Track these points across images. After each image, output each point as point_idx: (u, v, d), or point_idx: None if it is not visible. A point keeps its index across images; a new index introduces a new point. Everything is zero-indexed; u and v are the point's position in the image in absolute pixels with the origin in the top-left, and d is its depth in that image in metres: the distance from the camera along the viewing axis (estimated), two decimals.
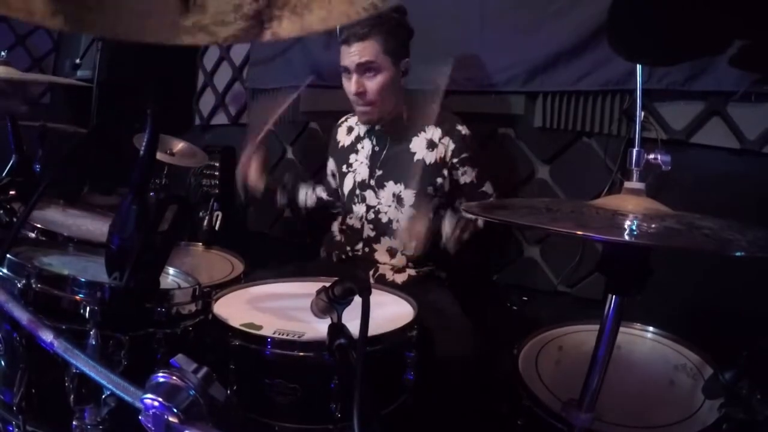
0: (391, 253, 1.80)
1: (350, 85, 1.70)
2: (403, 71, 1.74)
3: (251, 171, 1.81)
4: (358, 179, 1.83)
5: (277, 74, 2.66)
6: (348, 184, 1.86)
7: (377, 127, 1.81)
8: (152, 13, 0.44)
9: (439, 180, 1.76)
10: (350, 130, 1.92)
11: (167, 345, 1.08)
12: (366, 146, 1.85)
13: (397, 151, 1.79)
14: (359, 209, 1.83)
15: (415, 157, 1.76)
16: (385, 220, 1.80)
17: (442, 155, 1.75)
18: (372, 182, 1.81)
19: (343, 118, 1.98)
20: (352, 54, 1.65)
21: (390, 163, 1.80)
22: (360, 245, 1.84)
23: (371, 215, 1.81)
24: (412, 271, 1.79)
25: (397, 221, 1.78)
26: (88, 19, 0.45)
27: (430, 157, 1.75)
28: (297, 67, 2.57)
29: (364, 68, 1.66)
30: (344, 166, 1.88)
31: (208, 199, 2.71)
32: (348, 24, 1.65)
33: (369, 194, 1.82)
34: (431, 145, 1.76)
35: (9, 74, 1.84)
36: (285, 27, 0.42)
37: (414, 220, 1.71)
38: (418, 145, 1.77)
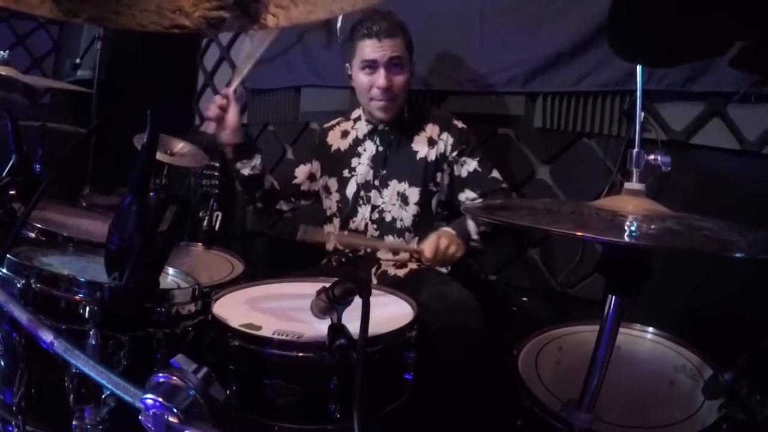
0: (394, 251, 1.80)
1: (377, 80, 1.70)
2: (412, 71, 1.79)
3: (229, 116, 1.71)
4: (361, 181, 1.83)
5: (277, 74, 2.67)
6: (351, 189, 1.85)
7: (380, 127, 1.82)
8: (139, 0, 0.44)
9: (439, 175, 1.80)
10: (345, 134, 1.90)
11: (167, 345, 1.07)
12: (369, 148, 1.85)
13: (401, 150, 1.81)
14: (364, 210, 1.83)
15: (418, 155, 1.79)
16: (389, 219, 1.81)
17: (442, 151, 1.79)
18: (376, 182, 1.82)
19: (333, 122, 1.96)
20: (384, 48, 1.68)
21: (394, 162, 1.81)
22: (363, 246, 1.84)
23: (375, 215, 1.82)
24: (413, 265, 1.80)
25: (401, 219, 1.79)
26: (75, 7, 0.45)
27: (432, 155, 1.79)
28: (297, 68, 2.58)
29: (393, 63, 1.70)
30: (345, 171, 1.86)
31: (208, 199, 2.71)
32: (368, 20, 1.69)
33: (373, 194, 1.82)
34: (431, 142, 1.79)
35: (9, 74, 1.84)
36: (271, 19, 0.42)
37: (439, 237, 1.64)
38: (420, 144, 1.80)
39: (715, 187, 1.70)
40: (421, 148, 1.79)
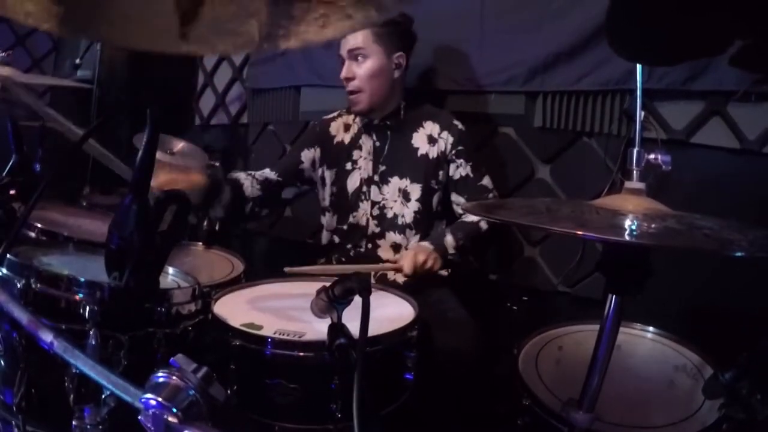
0: (396, 248, 1.80)
1: (342, 71, 1.77)
2: (396, 64, 1.77)
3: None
4: (363, 176, 1.83)
5: (277, 74, 2.67)
6: (353, 182, 1.84)
7: (375, 122, 1.82)
8: (151, 21, 0.43)
9: (441, 173, 1.80)
10: (347, 127, 1.91)
11: (167, 345, 1.08)
12: (366, 142, 1.85)
13: (400, 145, 1.81)
14: (365, 206, 1.83)
15: (419, 152, 1.80)
16: (390, 215, 1.81)
17: (443, 149, 1.79)
18: (376, 178, 1.82)
19: (333, 114, 1.96)
20: (346, 41, 1.76)
21: (393, 158, 1.81)
22: (363, 242, 1.84)
23: (376, 211, 1.82)
24: None
25: (402, 216, 1.79)
26: (84, 24, 0.45)
27: (433, 152, 1.79)
28: (297, 68, 2.58)
29: (354, 54, 1.74)
30: (348, 164, 1.86)
31: None
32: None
33: (373, 190, 1.82)
34: (432, 140, 1.80)
35: (9, 74, 1.83)
36: (282, 41, 0.42)
37: (418, 249, 1.67)
38: (420, 140, 1.80)
39: (716, 186, 1.69)
40: (421, 144, 1.80)
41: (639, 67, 1.55)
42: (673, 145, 1.74)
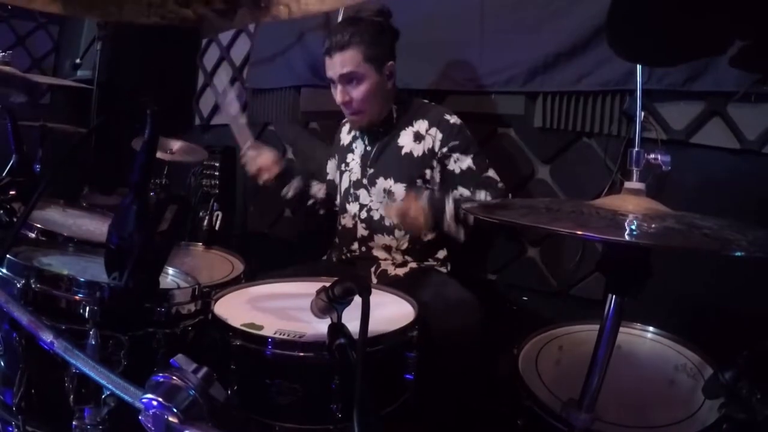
0: (388, 249, 1.80)
1: (336, 95, 1.72)
2: (388, 75, 1.73)
3: (263, 160, 1.82)
4: (353, 178, 1.84)
5: (277, 74, 2.67)
6: (344, 184, 1.87)
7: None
8: None
9: (428, 172, 1.76)
10: (350, 130, 1.94)
11: (167, 345, 1.07)
12: (359, 146, 1.86)
13: (386, 147, 1.80)
14: (352, 208, 1.84)
15: (403, 151, 1.77)
16: (377, 217, 1.79)
17: (431, 146, 1.75)
18: (365, 181, 1.82)
19: (345, 119, 1.98)
20: (335, 65, 1.68)
21: (380, 159, 1.81)
22: (355, 245, 1.84)
23: (364, 214, 1.81)
24: (413, 264, 1.79)
25: (389, 217, 1.76)
26: (87, 4, 0.45)
27: (418, 149, 1.75)
28: (297, 67, 2.58)
29: (347, 78, 1.68)
30: (342, 165, 1.89)
31: (208, 199, 2.71)
32: (330, 34, 1.70)
33: (362, 193, 1.82)
34: (418, 137, 1.76)
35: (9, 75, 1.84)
36: (283, 10, 0.42)
37: (407, 201, 1.63)
38: (405, 139, 1.78)
39: (715, 187, 1.69)
40: (407, 143, 1.77)
41: (639, 67, 1.55)
42: (673, 146, 1.73)
